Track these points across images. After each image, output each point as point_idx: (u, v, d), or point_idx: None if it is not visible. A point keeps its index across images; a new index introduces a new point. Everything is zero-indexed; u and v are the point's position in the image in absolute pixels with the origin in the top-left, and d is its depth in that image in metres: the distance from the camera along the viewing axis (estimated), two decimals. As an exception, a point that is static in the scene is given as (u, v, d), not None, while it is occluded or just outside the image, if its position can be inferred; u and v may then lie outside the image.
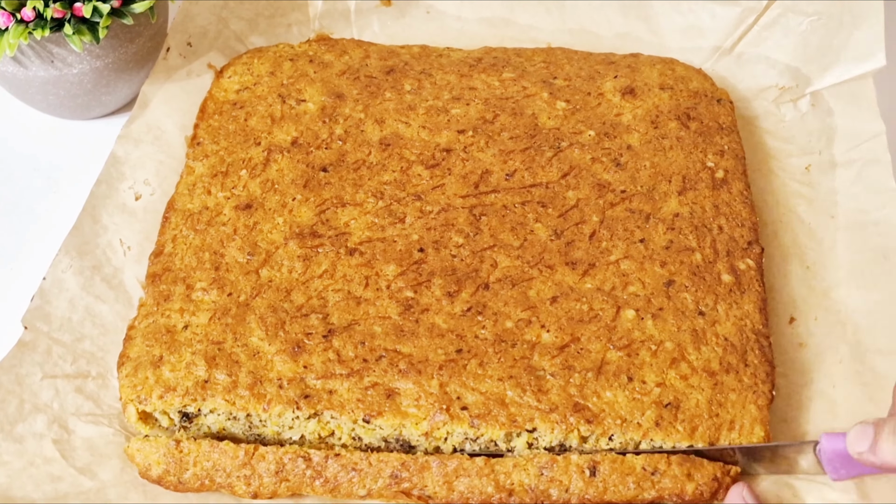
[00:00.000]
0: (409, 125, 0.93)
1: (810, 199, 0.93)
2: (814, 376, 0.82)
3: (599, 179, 0.88)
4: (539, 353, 0.77)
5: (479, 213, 0.86)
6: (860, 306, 0.85)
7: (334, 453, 0.74)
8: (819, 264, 0.88)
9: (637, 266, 0.82)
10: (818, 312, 0.85)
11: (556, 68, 0.98)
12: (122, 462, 0.77)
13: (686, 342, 0.78)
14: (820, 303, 0.86)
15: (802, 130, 0.98)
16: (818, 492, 0.74)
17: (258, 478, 0.74)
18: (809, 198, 0.93)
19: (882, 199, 0.89)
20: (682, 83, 0.96)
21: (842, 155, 0.94)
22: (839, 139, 0.95)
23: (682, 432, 0.74)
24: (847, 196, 0.92)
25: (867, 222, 0.89)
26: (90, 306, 0.84)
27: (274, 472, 0.74)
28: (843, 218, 0.90)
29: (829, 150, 0.95)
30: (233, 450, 0.74)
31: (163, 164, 0.94)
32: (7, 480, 0.74)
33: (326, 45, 1.01)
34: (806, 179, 0.94)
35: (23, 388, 0.79)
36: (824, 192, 0.93)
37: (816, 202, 0.93)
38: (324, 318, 0.79)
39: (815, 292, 0.87)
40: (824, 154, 0.95)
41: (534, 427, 0.74)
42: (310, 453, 0.74)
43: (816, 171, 0.95)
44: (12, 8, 0.87)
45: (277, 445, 0.75)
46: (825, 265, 0.88)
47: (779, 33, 1.01)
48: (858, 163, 0.92)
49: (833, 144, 0.95)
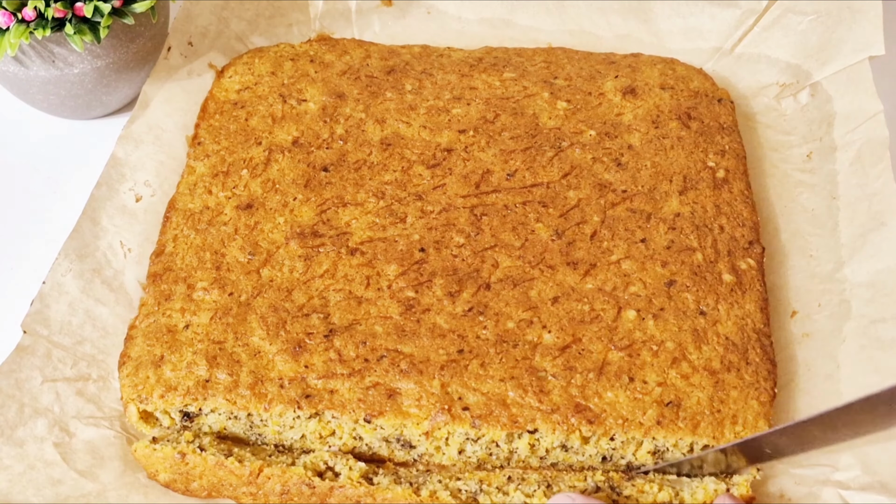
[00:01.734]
0: (410, 125, 0.93)
1: (812, 186, 0.93)
2: (818, 362, 0.82)
3: (600, 179, 0.88)
4: (540, 354, 0.77)
5: (481, 212, 0.86)
6: (863, 279, 0.84)
7: (339, 484, 0.74)
8: (823, 249, 0.88)
9: (638, 266, 0.82)
10: (821, 298, 0.85)
11: (557, 68, 0.98)
12: (123, 464, 0.77)
13: (687, 342, 0.78)
14: (824, 287, 0.86)
15: (803, 121, 0.98)
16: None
17: (263, 495, 0.75)
18: (811, 184, 0.93)
19: (878, 169, 0.89)
20: (683, 83, 0.96)
21: (841, 138, 0.94)
22: (839, 123, 0.95)
23: (683, 429, 0.74)
24: (847, 175, 0.91)
25: (865, 195, 0.89)
26: (90, 309, 0.84)
27: (279, 493, 0.74)
28: (843, 197, 0.90)
29: (830, 136, 0.95)
30: (238, 468, 0.74)
31: (163, 165, 0.93)
32: (7, 485, 0.74)
33: (327, 45, 1.01)
34: (808, 167, 0.95)
35: (23, 393, 0.78)
36: (825, 176, 0.93)
37: (818, 187, 0.93)
38: (325, 318, 0.79)
39: (818, 278, 0.86)
40: (825, 140, 0.95)
41: (535, 428, 0.74)
42: (314, 481, 0.74)
43: (817, 157, 0.95)
44: (13, 7, 0.87)
45: (283, 467, 0.75)
46: (828, 248, 0.88)
47: (778, 33, 1.01)
48: (858, 143, 0.92)
49: (833, 129, 0.95)
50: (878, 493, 0.73)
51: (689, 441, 0.74)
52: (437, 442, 0.76)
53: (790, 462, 0.77)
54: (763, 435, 0.72)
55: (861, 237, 0.87)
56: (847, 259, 0.87)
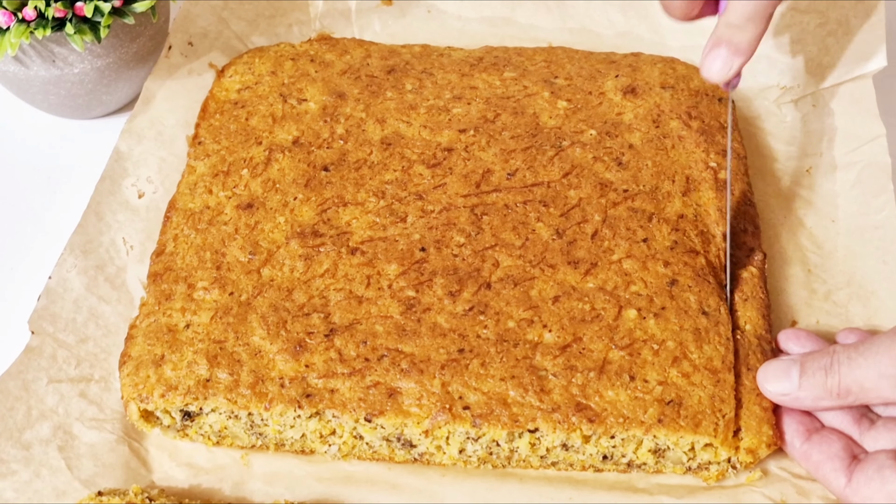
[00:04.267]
0: (411, 124, 0.93)
1: (811, 203, 0.93)
2: None
3: (601, 178, 0.88)
4: (541, 353, 0.77)
5: (481, 212, 0.85)
6: (860, 311, 0.85)
7: None
8: (820, 268, 0.88)
9: (639, 265, 0.82)
10: (819, 316, 0.85)
11: (557, 67, 0.98)
12: (124, 473, 0.77)
13: (688, 341, 0.78)
14: (821, 306, 0.86)
15: (804, 131, 0.98)
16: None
17: None
18: (810, 201, 0.93)
19: (881, 201, 0.90)
20: (683, 82, 0.96)
21: (842, 157, 0.94)
22: (840, 141, 0.95)
23: (685, 427, 0.74)
24: (847, 199, 0.92)
25: (866, 226, 0.89)
26: (94, 307, 0.84)
27: None
28: (843, 222, 0.91)
29: (830, 153, 0.95)
30: None
31: (165, 162, 0.93)
32: (14, 494, 0.74)
33: (327, 45, 1.01)
34: (807, 182, 0.95)
35: (29, 395, 0.79)
36: (825, 196, 0.93)
37: (817, 205, 0.93)
38: (325, 318, 0.79)
39: (817, 295, 0.87)
40: (825, 156, 0.95)
41: (536, 427, 0.74)
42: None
43: (817, 174, 0.95)
44: (14, 7, 0.87)
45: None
46: (826, 269, 0.88)
47: (781, 33, 1.01)
48: (859, 165, 0.92)
49: (834, 146, 0.95)
50: None
51: (690, 439, 0.74)
52: (438, 441, 0.76)
53: (791, 472, 0.77)
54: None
55: (860, 270, 0.88)
56: (843, 286, 0.87)
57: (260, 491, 0.78)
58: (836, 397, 0.72)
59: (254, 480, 0.78)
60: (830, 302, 0.86)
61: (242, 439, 0.79)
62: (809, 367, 0.73)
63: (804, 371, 0.73)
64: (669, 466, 0.77)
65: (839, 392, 0.72)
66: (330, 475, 0.78)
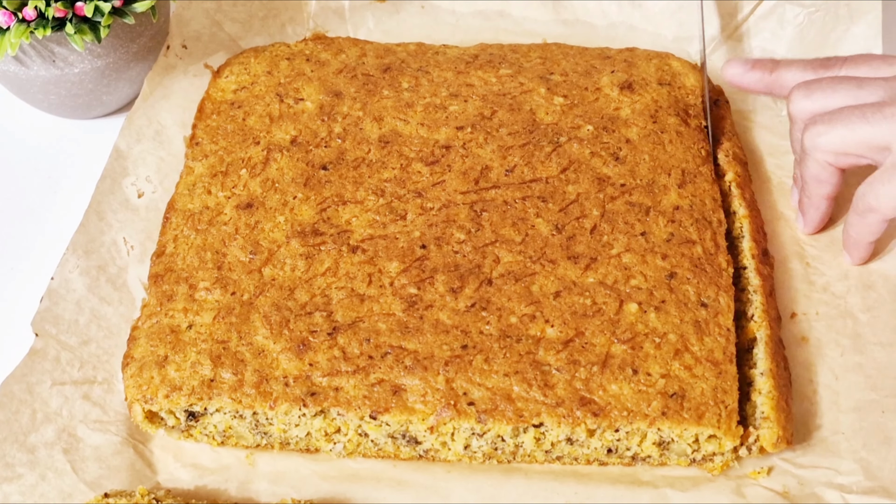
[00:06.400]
0: (408, 122, 0.93)
1: None
2: (817, 369, 0.82)
3: (599, 173, 0.88)
4: (544, 348, 0.77)
5: (480, 208, 0.86)
6: (858, 302, 0.86)
7: None
8: (818, 260, 0.89)
9: (639, 259, 0.83)
10: (819, 307, 0.86)
11: (553, 64, 0.98)
12: (130, 474, 0.77)
13: (689, 333, 0.78)
14: (820, 298, 0.87)
15: None
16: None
17: None
18: None
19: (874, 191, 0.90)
20: (678, 79, 0.97)
21: None
22: None
23: (688, 419, 0.74)
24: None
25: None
26: (96, 308, 0.84)
27: None
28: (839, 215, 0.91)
29: None
30: None
31: (164, 161, 0.94)
32: (20, 497, 0.74)
33: (323, 44, 1.01)
34: None
35: (34, 398, 0.79)
36: None
37: None
38: (328, 316, 0.79)
39: (816, 287, 0.87)
40: None
41: (541, 422, 0.75)
42: None
43: None
44: (14, 7, 0.87)
45: None
46: (823, 261, 0.89)
47: (775, 24, 1.02)
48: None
49: None
50: (880, 496, 0.74)
51: (694, 431, 0.75)
52: (443, 437, 0.77)
53: (793, 463, 0.78)
54: None
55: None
56: (841, 278, 0.88)
57: (266, 490, 0.78)
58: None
59: (259, 480, 0.78)
60: (829, 293, 0.87)
61: (247, 439, 0.79)
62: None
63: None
64: (674, 459, 0.78)
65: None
66: (335, 473, 0.79)
